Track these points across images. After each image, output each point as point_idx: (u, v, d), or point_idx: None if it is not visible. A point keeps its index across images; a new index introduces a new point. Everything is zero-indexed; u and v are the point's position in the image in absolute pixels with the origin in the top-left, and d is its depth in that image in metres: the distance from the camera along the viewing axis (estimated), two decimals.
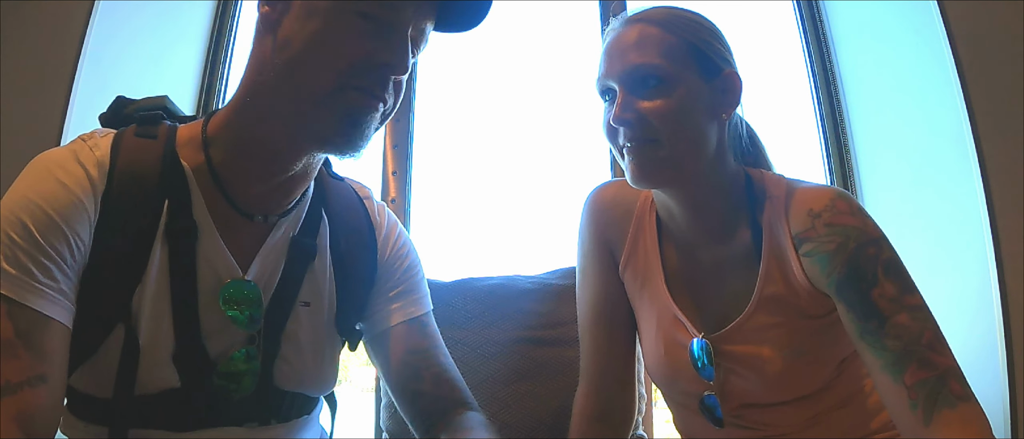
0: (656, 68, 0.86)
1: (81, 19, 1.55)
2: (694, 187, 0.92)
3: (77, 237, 0.70)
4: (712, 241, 0.95)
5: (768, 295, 0.89)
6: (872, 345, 0.79)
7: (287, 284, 0.82)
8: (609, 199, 1.06)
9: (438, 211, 1.94)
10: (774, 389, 0.91)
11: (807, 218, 0.87)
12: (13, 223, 0.68)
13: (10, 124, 1.45)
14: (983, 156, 1.46)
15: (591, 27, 1.92)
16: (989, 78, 1.50)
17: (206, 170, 0.77)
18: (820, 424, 0.93)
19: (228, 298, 0.76)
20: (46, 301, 0.67)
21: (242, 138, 0.77)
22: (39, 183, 0.71)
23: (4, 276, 0.66)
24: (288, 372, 0.81)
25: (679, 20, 0.90)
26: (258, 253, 0.80)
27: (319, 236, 0.86)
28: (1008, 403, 1.36)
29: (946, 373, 0.75)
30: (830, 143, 1.93)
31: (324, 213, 0.88)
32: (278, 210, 0.82)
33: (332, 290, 0.86)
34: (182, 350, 0.74)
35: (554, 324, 1.32)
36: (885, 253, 0.83)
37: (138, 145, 0.77)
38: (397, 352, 0.90)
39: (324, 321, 0.85)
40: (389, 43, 0.73)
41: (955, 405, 0.73)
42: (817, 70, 1.98)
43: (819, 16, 2.02)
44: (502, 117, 2.22)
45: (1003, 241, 1.42)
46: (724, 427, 0.96)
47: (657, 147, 0.86)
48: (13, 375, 0.64)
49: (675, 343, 0.96)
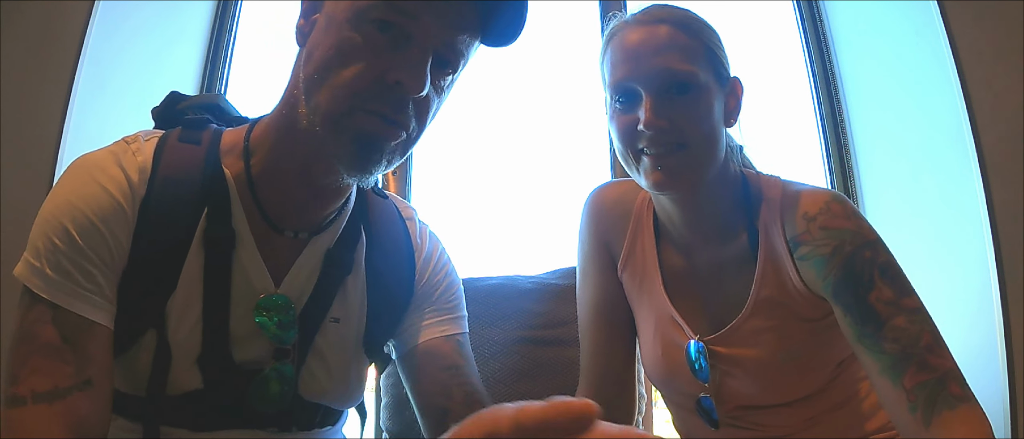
0: (686, 75, 0.85)
1: (81, 19, 1.55)
2: (703, 193, 0.92)
3: (116, 241, 0.70)
4: (709, 243, 0.95)
5: (764, 298, 0.89)
6: (870, 348, 0.79)
7: (319, 298, 0.79)
8: (608, 200, 1.06)
9: (438, 211, 1.94)
10: (770, 391, 0.91)
11: (802, 221, 0.87)
12: (55, 228, 0.68)
13: (10, 124, 1.45)
14: (983, 156, 1.46)
15: (591, 27, 1.92)
16: (989, 78, 1.50)
17: (245, 180, 0.76)
18: (817, 426, 0.93)
19: (261, 306, 0.75)
20: (89, 305, 0.68)
21: (276, 149, 0.75)
22: (80, 186, 0.71)
23: (48, 282, 0.67)
24: (313, 385, 0.79)
25: (695, 23, 0.90)
26: (292, 267, 0.78)
27: (356, 252, 0.83)
28: (1008, 403, 1.36)
29: (945, 375, 0.75)
30: (830, 143, 1.93)
31: (363, 230, 0.85)
32: (310, 227, 0.80)
33: (363, 308, 0.84)
34: (207, 354, 0.73)
35: (554, 324, 1.32)
36: (881, 256, 0.83)
37: (181, 151, 0.76)
38: (428, 368, 0.85)
39: (352, 339, 0.83)
40: (406, 58, 0.68)
41: (955, 407, 0.73)
42: (817, 70, 1.98)
43: (819, 16, 2.02)
44: (502, 117, 2.22)
45: (1003, 241, 1.42)
46: (720, 428, 0.96)
47: (686, 153, 0.85)
48: (62, 380, 0.64)
49: (672, 344, 0.96)
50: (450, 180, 2.08)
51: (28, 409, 0.63)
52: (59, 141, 1.46)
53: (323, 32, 0.70)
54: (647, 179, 0.87)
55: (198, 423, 0.74)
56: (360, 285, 0.84)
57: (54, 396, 0.64)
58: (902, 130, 1.75)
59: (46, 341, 0.65)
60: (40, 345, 0.65)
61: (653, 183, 0.86)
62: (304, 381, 0.79)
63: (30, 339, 0.66)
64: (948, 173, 1.57)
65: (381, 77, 0.67)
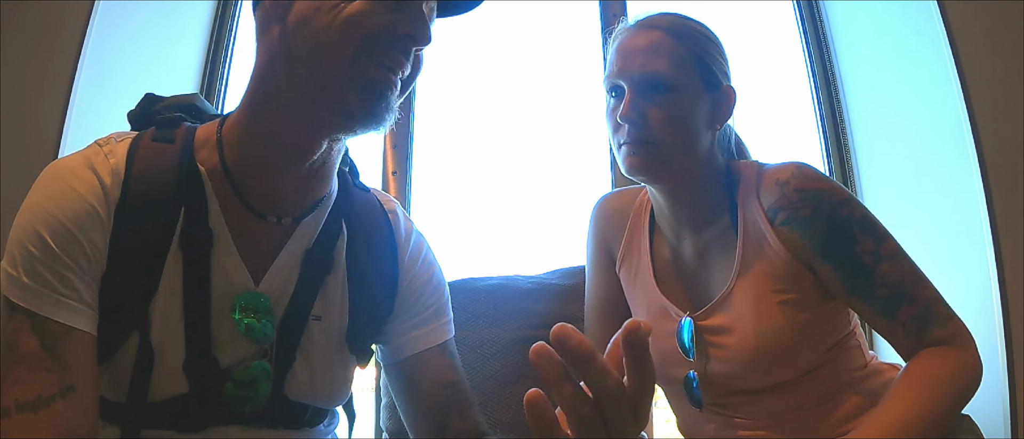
0: (665, 76, 0.93)
1: (81, 19, 1.55)
2: (680, 184, 0.98)
3: (93, 246, 0.69)
4: (695, 230, 1.00)
5: (747, 271, 0.94)
6: (864, 297, 0.89)
7: (300, 297, 0.79)
8: (610, 206, 1.14)
9: (438, 211, 1.94)
10: (754, 371, 0.93)
11: (776, 188, 0.93)
12: (29, 234, 0.68)
13: (10, 124, 1.45)
14: (983, 155, 1.46)
15: (591, 27, 1.92)
16: (989, 78, 1.50)
17: (220, 172, 0.76)
18: (802, 416, 0.94)
19: (243, 306, 0.75)
20: (68, 312, 0.67)
21: (257, 132, 0.75)
22: (53, 193, 0.70)
23: (25, 290, 0.66)
24: (298, 384, 0.79)
25: (689, 30, 0.97)
26: (272, 265, 0.77)
27: (336, 249, 0.83)
28: (1008, 403, 1.36)
29: (931, 302, 0.89)
30: (830, 143, 1.93)
31: (344, 225, 0.84)
32: (296, 211, 0.79)
33: (345, 306, 0.83)
34: (192, 359, 0.73)
35: (554, 324, 1.32)
36: (857, 211, 0.91)
37: (155, 150, 0.75)
38: (424, 383, 0.86)
39: (335, 336, 0.82)
40: (410, 14, 0.70)
41: (945, 325, 0.88)
42: (817, 70, 1.98)
43: (819, 16, 2.02)
44: (502, 117, 2.22)
45: (1003, 240, 1.42)
46: (714, 416, 0.99)
47: (652, 148, 0.93)
48: (45, 389, 0.64)
49: (661, 332, 1.00)
50: (450, 180, 2.08)
51: (13, 420, 0.63)
52: (59, 141, 1.46)
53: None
54: (622, 165, 0.96)
55: (183, 425, 0.74)
56: (341, 282, 0.83)
57: (38, 405, 0.63)
58: (902, 129, 1.75)
59: (27, 350, 0.65)
60: (21, 355, 0.65)
61: (626, 168, 0.95)
62: (290, 382, 0.78)
63: (11, 350, 0.65)
64: (948, 172, 1.57)
65: (387, 29, 0.69)
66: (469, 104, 2.19)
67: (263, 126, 0.74)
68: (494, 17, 2.27)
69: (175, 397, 0.72)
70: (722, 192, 0.99)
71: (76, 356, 0.67)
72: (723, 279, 0.96)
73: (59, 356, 0.66)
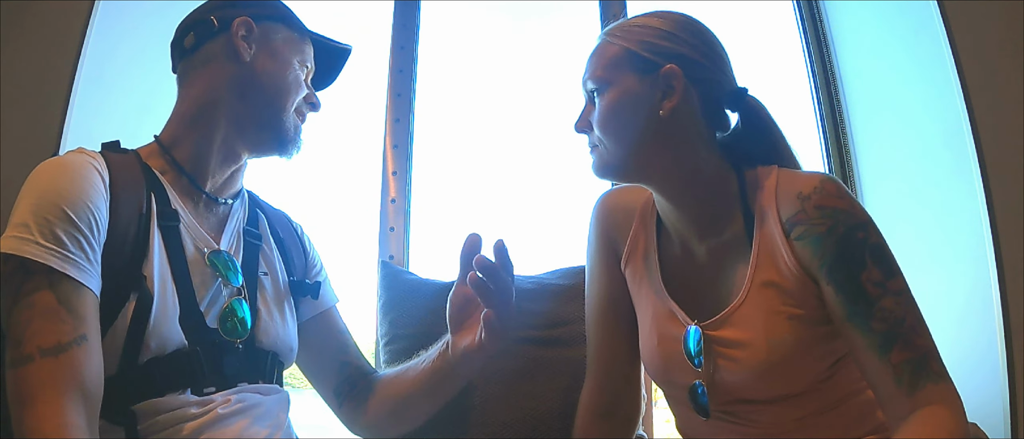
0: (596, 80, 0.97)
1: (81, 19, 1.55)
2: (658, 180, 0.96)
3: (99, 214, 0.83)
4: (704, 234, 0.98)
5: (760, 282, 0.91)
6: (859, 326, 0.84)
7: (248, 258, 1.02)
8: (615, 202, 1.12)
9: (438, 211, 1.94)
10: (763, 382, 0.92)
11: (796, 201, 0.89)
12: (43, 203, 0.80)
13: (10, 125, 1.45)
14: (983, 156, 1.46)
15: (591, 28, 1.92)
16: (989, 78, 1.50)
17: (171, 171, 0.98)
18: (807, 426, 0.93)
19: (215, 262, 0.95)
20: (79, 270, 0.79)
21: (204, 141, 0.99)
22: (59, 173, 0.84)
23: (44, 249, 0.77)
24: (264, 329, 0.99)
25: (626, 28, 0.98)
26: (222, 235, 1.01)
27: (260, 227, 1.09)
28: (1008, 403, 1.35)
29: (927, 354, 0.83)
30: (830, 143, 1.93)
31: (260, 212, 1.12)
32: (231, 193, 1.06)
33: (281, 266, 1.09)
34: (186, 313, 0.88)
35: (554, 324, 1.32)
36: (872, 238, 0.87)
37: (118, 157, 0.95)
38: (329, 331, 1.15)
39: (281, 289, 1.06)
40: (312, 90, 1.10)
41: (938, 381, 0.82)
42: (817, 70, 1.98)
43: (819, 16, 2.02)
44: (502, 117, 2.22)
45: (1003, 241, 1.42)
46: (713, 421, 0.97)
47: (599, 150, 0.98)
48: (63, 337, 0.75)
49: (668, 336, 0.98)
50: (450, 181, 2.08)
51: (36, 364, 0.73)
52: (59, 141, 1.46)
53: (272, 60, 1.02)
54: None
55: (180, 383, 0.86)
56: (273, 248, 1.09)
57: (59, 350, 0.74)
58: (902, 130, 1.75)
59: (45, 305, 0.76)
60: (40, 309, 0.76)
61: (592, 172, 1.01)
62: (260, 330, 0.98)
63: (29, 306, 0.76)
64: (948, 172, 1.57)
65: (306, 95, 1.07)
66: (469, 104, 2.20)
67: (212, 137, 0.99)
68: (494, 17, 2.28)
69: (177, 352, 0.86)
70: (731, 198, 0.96)
71: (87, 310, 0.78)
72: (735, 288, 0.93)
73: (73, 308, 0.77)
